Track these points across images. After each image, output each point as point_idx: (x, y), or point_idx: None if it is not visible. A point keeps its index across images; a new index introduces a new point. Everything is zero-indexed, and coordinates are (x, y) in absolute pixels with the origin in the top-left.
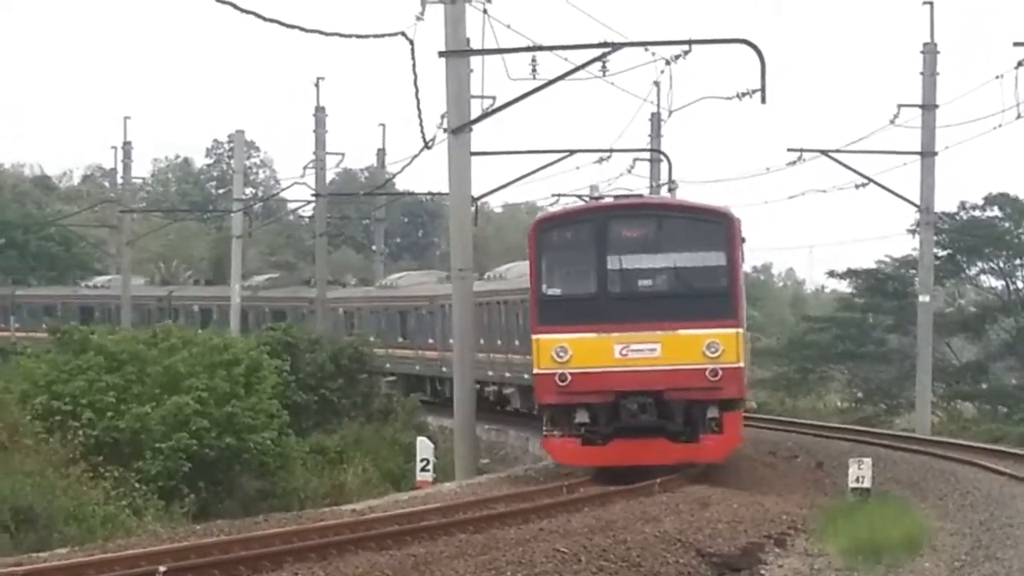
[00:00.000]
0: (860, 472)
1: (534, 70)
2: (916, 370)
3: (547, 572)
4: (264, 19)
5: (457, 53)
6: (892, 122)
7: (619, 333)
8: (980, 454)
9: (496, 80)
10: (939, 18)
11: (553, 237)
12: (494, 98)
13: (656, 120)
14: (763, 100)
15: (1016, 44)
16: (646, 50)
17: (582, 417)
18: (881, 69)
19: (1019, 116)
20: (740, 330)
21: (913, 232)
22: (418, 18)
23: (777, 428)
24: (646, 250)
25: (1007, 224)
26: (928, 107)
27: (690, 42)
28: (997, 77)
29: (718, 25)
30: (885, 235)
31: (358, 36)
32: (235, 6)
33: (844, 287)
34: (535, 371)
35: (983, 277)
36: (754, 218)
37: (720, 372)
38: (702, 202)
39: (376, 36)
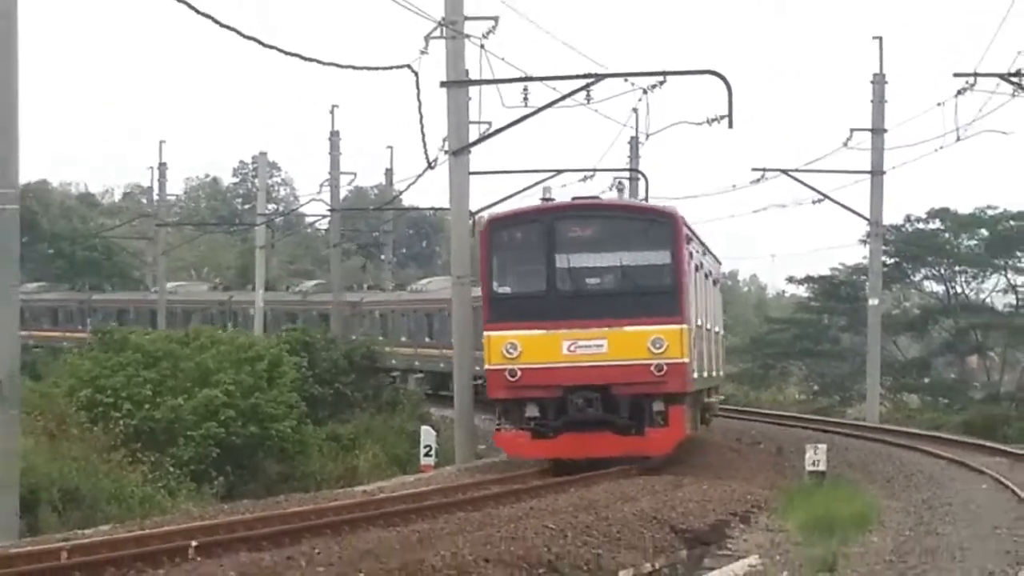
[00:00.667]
0: (816, 456)
1: (526, 98)
2: (866, 365)
3: (537, 546)
4: (285, 53)
5: (457, 83)
6: (845, 144)
7: (567, 330)
8: (923, 440)
9: (492, 107)
10: (887, 50)
11: (503, 237)
12: (490, 123)
13: (635, 143)
14: (730, 125)
15: (956, 75)
16: (626, 80)
17: (532, 411)
18: (836, 96)
19: (958, 139)
20: (685, 326)
21: (864, 242)
22: (422, 52)
23: (742, 418)
24: (593, 249)
25: (947, 235)
26: (877, 131)
27: (664, 73)
28: (939, 104)
29: (690, 56)
30: (839, 245)
31: (369, 68)
32: (259, 41)
33: (802, 292)
34: (486, 367)
35: (926, 282)
36: (722, 230)
37: (665, 367)
38: (647, 203)
39: (384, 68)
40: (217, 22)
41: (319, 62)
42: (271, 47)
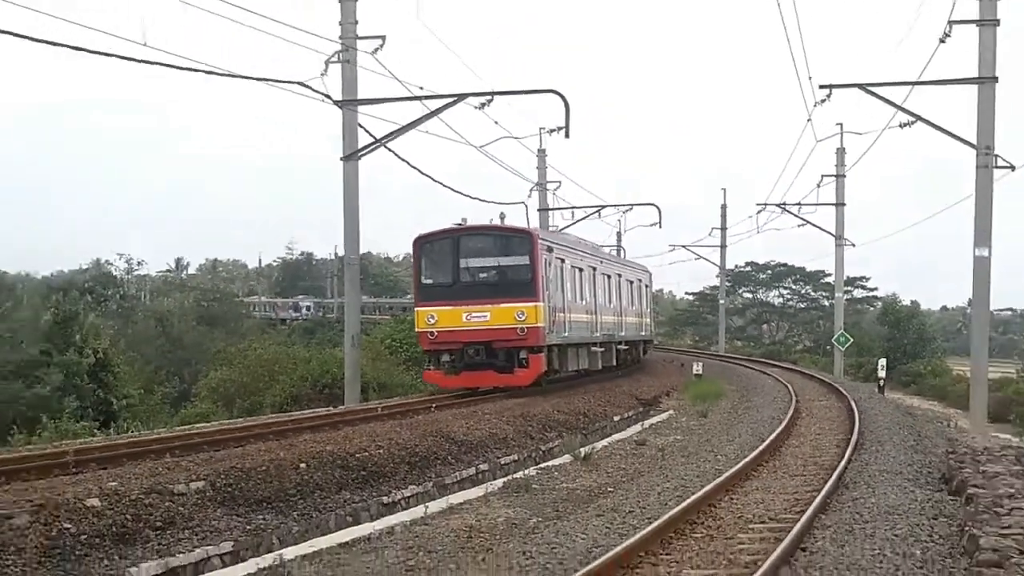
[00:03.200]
0: (698, 368)
1: (572, 215)
2: (719, 329)
3: (579, 407)
4: (465, 195)
5: (544, 209)
6: (709, 234)
7: (466, 306)
8: (744, 361)
9: (562, 220)
10: (730, 191)
11: (428, 247)
12: (560, 228)
13: (619, 235)
14: (660, 226)
15: (757, 204)
16: (616, 208)
17: (445, 358)
18: (705, 210)
19: (758, 232)
20: (541, 304)
21: (718, 276)
22: (528, 195)
23: (666, 352)
24: (483, 255)
25: (755, 273)
26: (723, 229)
27: (632, 204)
28: (750, 216)
29: (643, 194)
30: (707, 277)
31: (505, 203)
32: (452, 189)
33: (691, 298)
34: (416, 330)
35: (745, 294)
36: (657, 272)
37: (526, 330)
38: (515, 225)
39: (511, 203)
40: (427, 177)
41: (471, 197)
42: (458, 191)
